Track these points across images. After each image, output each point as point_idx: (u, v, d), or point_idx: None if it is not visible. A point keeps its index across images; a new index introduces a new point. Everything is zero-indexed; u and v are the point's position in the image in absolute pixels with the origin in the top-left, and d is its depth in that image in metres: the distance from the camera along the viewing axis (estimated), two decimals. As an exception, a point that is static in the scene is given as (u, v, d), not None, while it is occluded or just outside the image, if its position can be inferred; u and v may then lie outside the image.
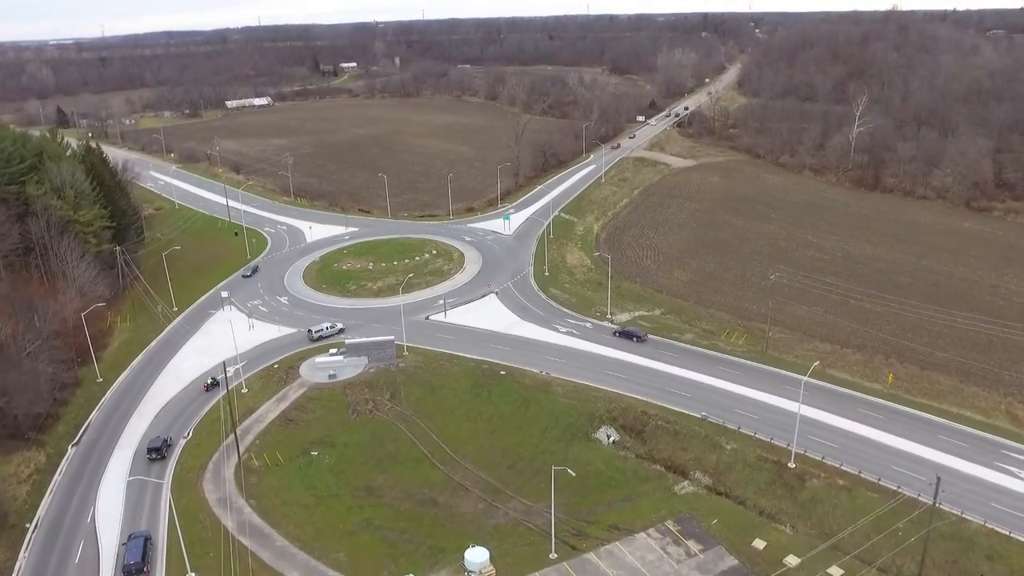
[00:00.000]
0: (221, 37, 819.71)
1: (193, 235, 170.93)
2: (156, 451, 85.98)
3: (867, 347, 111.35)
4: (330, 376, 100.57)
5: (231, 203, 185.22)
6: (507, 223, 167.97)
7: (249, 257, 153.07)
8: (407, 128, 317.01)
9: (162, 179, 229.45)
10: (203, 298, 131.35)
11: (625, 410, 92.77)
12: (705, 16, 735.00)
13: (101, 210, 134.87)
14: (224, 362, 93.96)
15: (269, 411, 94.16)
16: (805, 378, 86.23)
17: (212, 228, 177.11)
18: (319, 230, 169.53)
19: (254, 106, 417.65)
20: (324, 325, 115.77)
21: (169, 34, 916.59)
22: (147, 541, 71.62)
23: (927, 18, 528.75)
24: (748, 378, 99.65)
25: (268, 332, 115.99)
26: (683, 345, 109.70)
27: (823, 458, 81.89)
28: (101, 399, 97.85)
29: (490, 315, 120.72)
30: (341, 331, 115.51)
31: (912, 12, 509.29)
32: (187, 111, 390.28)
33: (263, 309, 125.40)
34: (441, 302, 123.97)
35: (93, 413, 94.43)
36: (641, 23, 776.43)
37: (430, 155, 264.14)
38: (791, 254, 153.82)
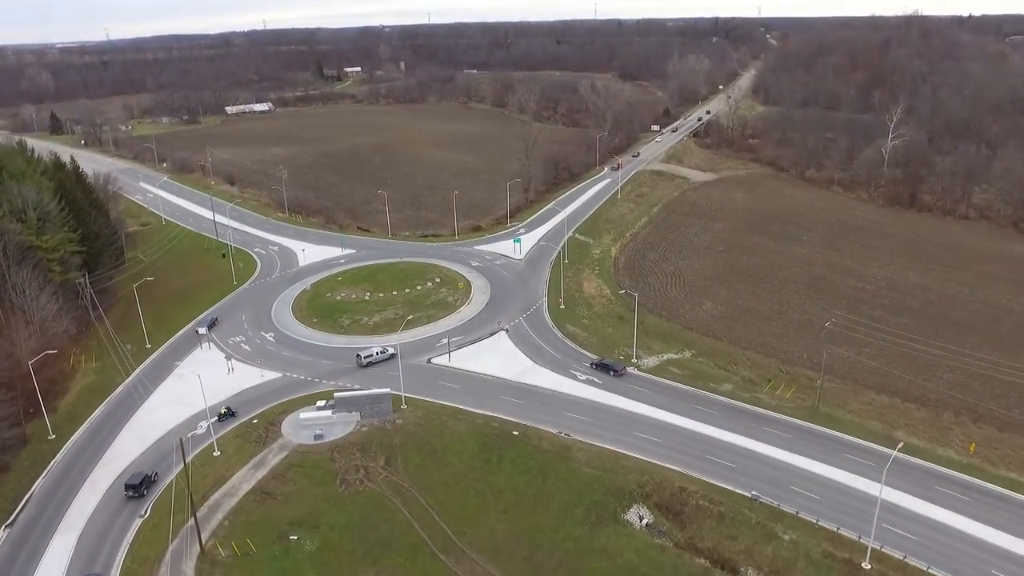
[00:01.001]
0: (226, 41, 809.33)
1: (177, 256, 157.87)
2: (135, 488, 77.85)
3: (930, 400, 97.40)
4: (316, 436, 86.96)
5: (221, 219, 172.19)
6: (517, 246, 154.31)
7: (236, 283, 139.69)
8: (411, 136, 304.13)
9: (151, 191, 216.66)
10: (181, 333, 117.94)
11: (660, 484, 78.98)
12: (716, 21, 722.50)
13: (69, 234, 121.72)
14: (180, 439, 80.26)
15: (243, 481, 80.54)
16: (895, 453, 72.67)
17: (198, 248, 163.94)
18: (313, 252, 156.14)
19: (254, 112, 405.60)
20: (375, 349, 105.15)
21: (175, 38, 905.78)
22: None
23: (947, 23, 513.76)
24: (801, 443, 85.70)
25: (249, 377, 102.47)
26: (722, 399, 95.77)
27: (905, 557, 68.02)
28: (50, 462, 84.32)
29: (500, 358, 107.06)
30: (392, 356, 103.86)
31: (931, 18, 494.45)
32: (185, 117, 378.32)
33: (245, 348, 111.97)
34: (444, 341, 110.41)
35: (38, 482, 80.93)
36: (650, 28, 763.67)
37: (435, 166, 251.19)
38: (830, 283, 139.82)
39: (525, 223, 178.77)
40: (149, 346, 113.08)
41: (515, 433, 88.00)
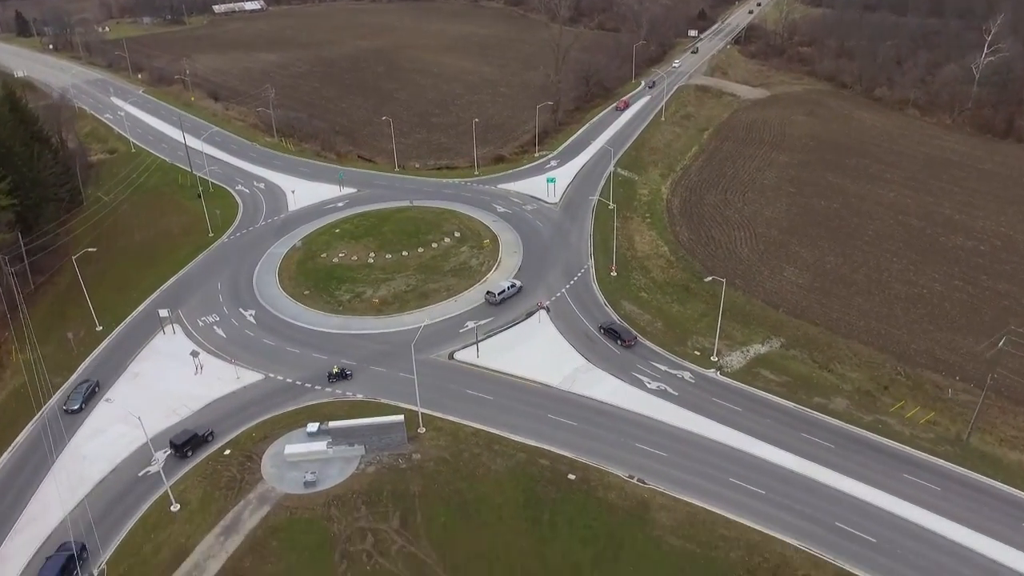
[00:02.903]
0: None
1: (145, 196, 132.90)
2: (178, 448, 68.10)
3: (1109, 423, 74.87)
4: (307, 483, 65.39)
5: (198, 146, 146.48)
6: (551, 187, 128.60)
7: (211, 234, 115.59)
8: (418, 40, 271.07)
9: (123, 109, 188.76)
10: (140, 309, 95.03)
11: (777, 569, 57.64)
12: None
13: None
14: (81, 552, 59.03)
15: (210, 556, 59.35)
16: None
17: (171, 184, 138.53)
18: (305, 191, 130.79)
19: (245, 11, 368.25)
20: (504, 285, 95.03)
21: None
22: (72, 559, 56.95)
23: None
24: (960, 503, 63.62)
25: (222, 379, 79.96)
26: (836, 423, 73.18)
27: None
28: (-51, 523, 63.36)
29: (542, 352, 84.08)
30: (520, 290, 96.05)
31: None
32: (169, 17, 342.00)
33: (219, 333, 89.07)
34: (469, 326, 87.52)
35: (-73, 558, 60.23)
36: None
37: (446, 76, 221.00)
38: (932, 241, 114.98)
39: (556, 152, 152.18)
40: (100, 328, 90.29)
41: (571, 477, 66.23)
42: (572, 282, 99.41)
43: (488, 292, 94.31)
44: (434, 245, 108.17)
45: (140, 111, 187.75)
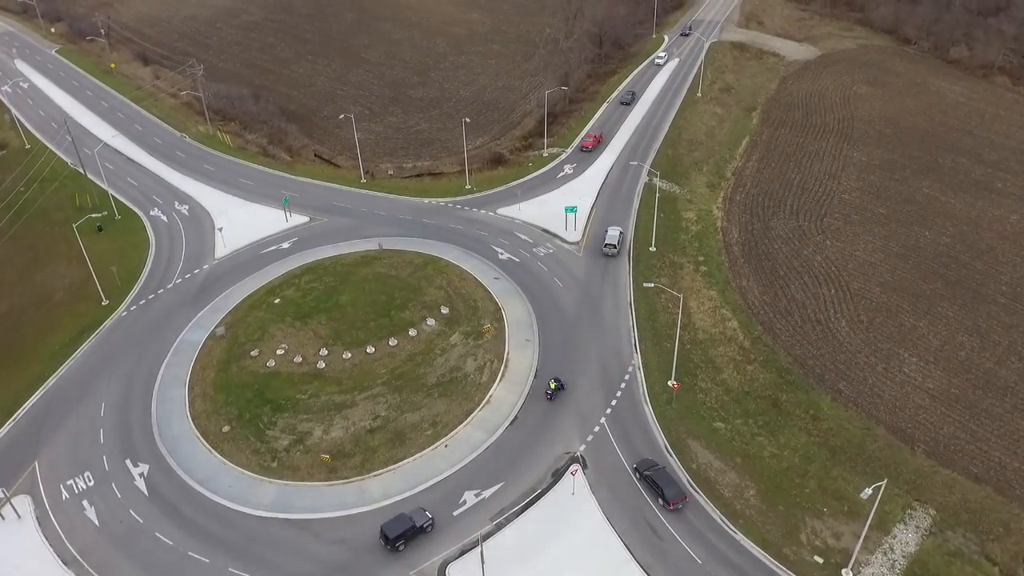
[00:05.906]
0: None
1: (27, 227, 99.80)
2: (391, 542, 53.80)
3: None
4: None
5: (109, 141, 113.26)
6: (572, 217, 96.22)
7: (106, 302, 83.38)
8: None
9: (27, 79, 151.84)
10: (-20, 460, 64.18)
11: None
12: None
13: None
14: None
15: None
16: None
17: (65, 206, 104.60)
18: (239, 224, 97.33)
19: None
20: (615, 233, 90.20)
21: None
22: None
23: None
24: None
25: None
26: None
27: None
28: None
29: (580, 561, 54.37)
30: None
31: None
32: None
33: (90, 518, 58.37)
34: (470, 500, 57.55)
35: None
36: None
37: (426, 28, 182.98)
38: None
39: (569, 149, 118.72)
40: (-90, 506, 59.76)
41: None
42: (614, 402, 68.87)
43: (606, 245, 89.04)
44: (412, 332, 76.42)
45: (48, 81, 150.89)
